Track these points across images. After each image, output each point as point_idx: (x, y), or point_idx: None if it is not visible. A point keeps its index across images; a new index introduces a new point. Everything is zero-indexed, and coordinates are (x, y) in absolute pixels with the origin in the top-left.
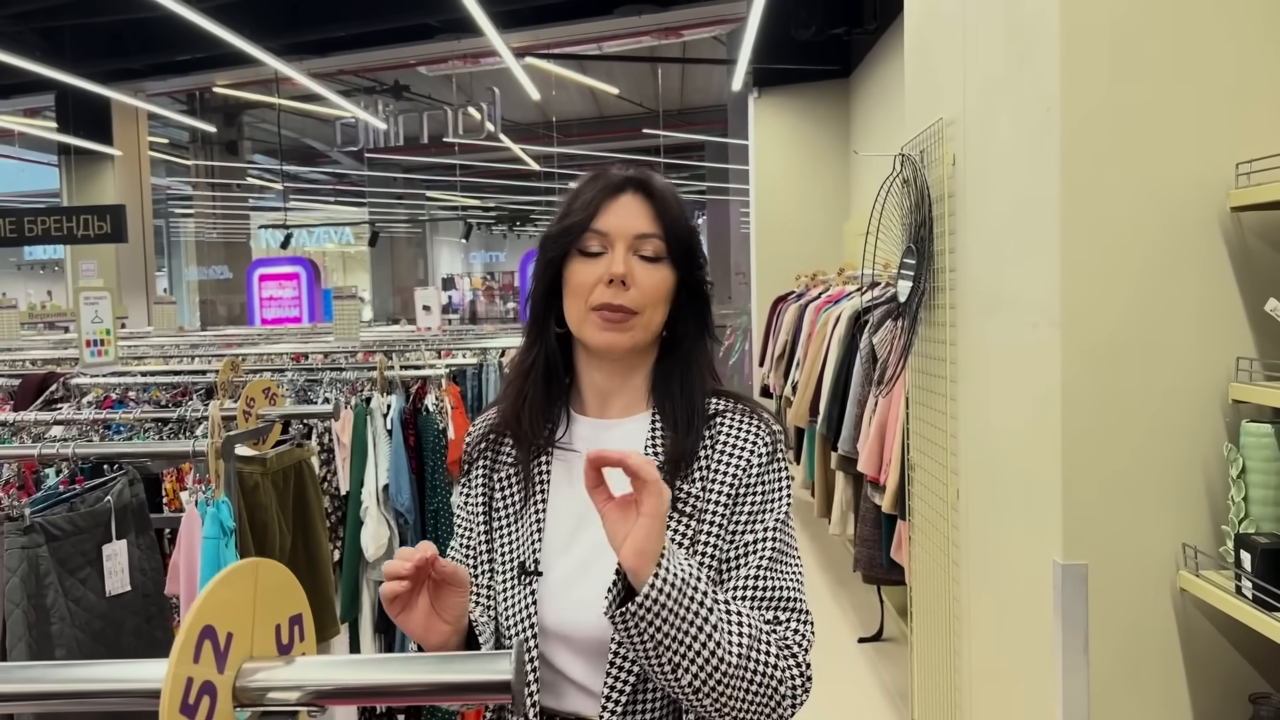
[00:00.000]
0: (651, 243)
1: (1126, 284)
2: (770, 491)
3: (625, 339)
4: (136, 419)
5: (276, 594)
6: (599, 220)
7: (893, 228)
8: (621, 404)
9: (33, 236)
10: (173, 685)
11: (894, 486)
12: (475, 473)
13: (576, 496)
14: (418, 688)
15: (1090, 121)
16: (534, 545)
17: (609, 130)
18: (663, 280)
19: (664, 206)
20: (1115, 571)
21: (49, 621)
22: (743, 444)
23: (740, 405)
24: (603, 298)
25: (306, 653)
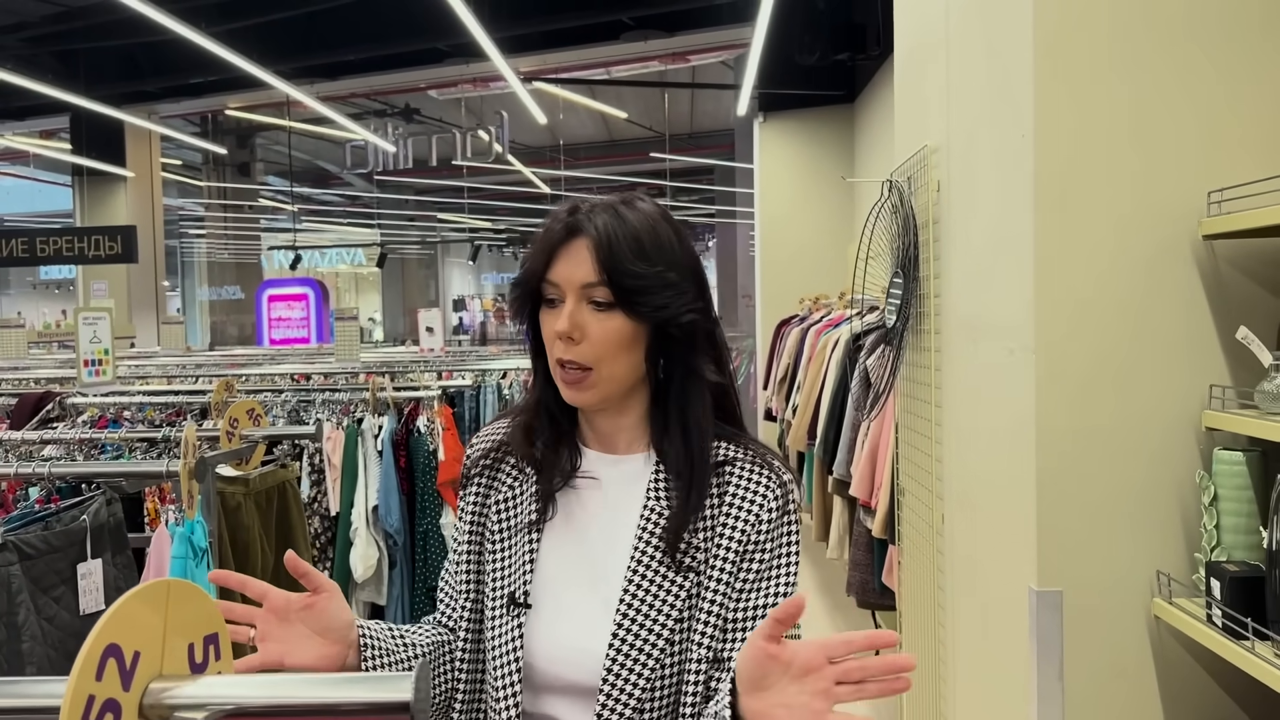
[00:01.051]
0: (599, 290)
1: (1100, 311)
2: (780, 549)
3: (588, 396)
4: (123, 438)
5: (190, 613)
6: (552, 270)
7: (886, 253)
8: (624, 441)
9: (45, 256)
10: (72, 703)
11: (884, 511)
12: (471, 489)
13: (575, 531)
14: (319, 706)
15: (1064, 149)
16: (525, 576)
17: (618, 154)
18: (616, 329)
19: (606, 250)
20: (1090, 598)
21: (20, 639)
22: (753, 496)
23: (751, 453)
24: (557, 353)
25: (223, 671)
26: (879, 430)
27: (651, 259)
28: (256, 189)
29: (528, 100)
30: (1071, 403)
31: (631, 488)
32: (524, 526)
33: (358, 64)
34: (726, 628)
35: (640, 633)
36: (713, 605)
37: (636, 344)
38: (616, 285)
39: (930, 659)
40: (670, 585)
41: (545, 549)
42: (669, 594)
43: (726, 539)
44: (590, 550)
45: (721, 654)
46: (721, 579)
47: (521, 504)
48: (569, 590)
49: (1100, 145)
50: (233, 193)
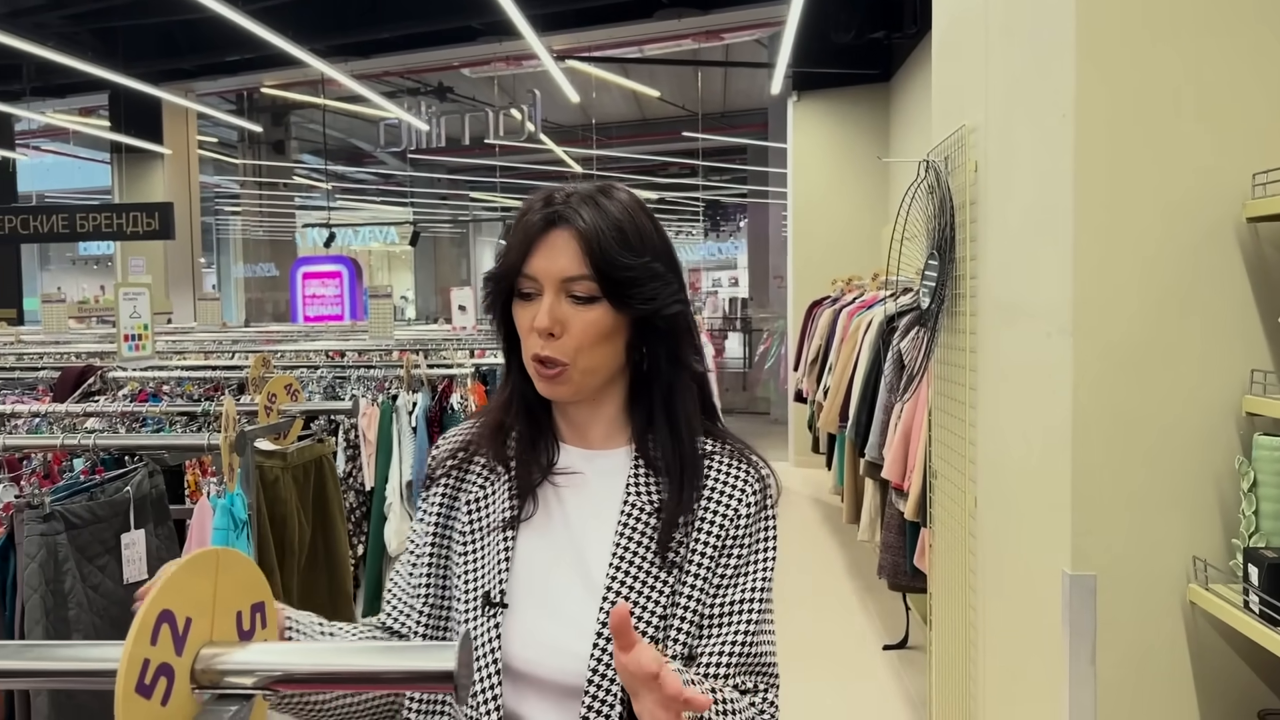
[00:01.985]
0: (581, 284)
1: (1140, 293)
2: (757, 544)
3: (563, 390)
4: (164, 412)
5: (238, 582)
6: (529, 263)
7: (921, 234)
8: (600, 434)
9: (84, 233)
10: (129, 665)
11: (916, 494)
12: (436, 490)
13: (553, 528)
14: (365, 674)
15: (1105, 129)
16: (500, 575)
17: (650, 133)
18: (596, 322)
19: (595, 241)
20: (1124, 583)
21: (66, 607)
22: (731, 490)
23: (729, 447)
24: (534, 348)
25: (268, 639)
26: (912, 413)
27: (637, 250)
28: (291, 166)
29: (560, 78)
30: (1109, 386)
31: (611, 482)
32: (498, 525)
33: (392, 42)
34: (702, 624)
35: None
36: (690, 601)
37: (616, 336)
38: (605, 278)
39: (960, 641)
40: (654, 581)
41: (522, 547)
42: (653, 590)
43: (705, 533)
44: (570, 547)
45: (696, 650)
46: (700, 574)
47: (494, 502)
48: (548, 588)
49: (1142, 126)
50: (268, 170)
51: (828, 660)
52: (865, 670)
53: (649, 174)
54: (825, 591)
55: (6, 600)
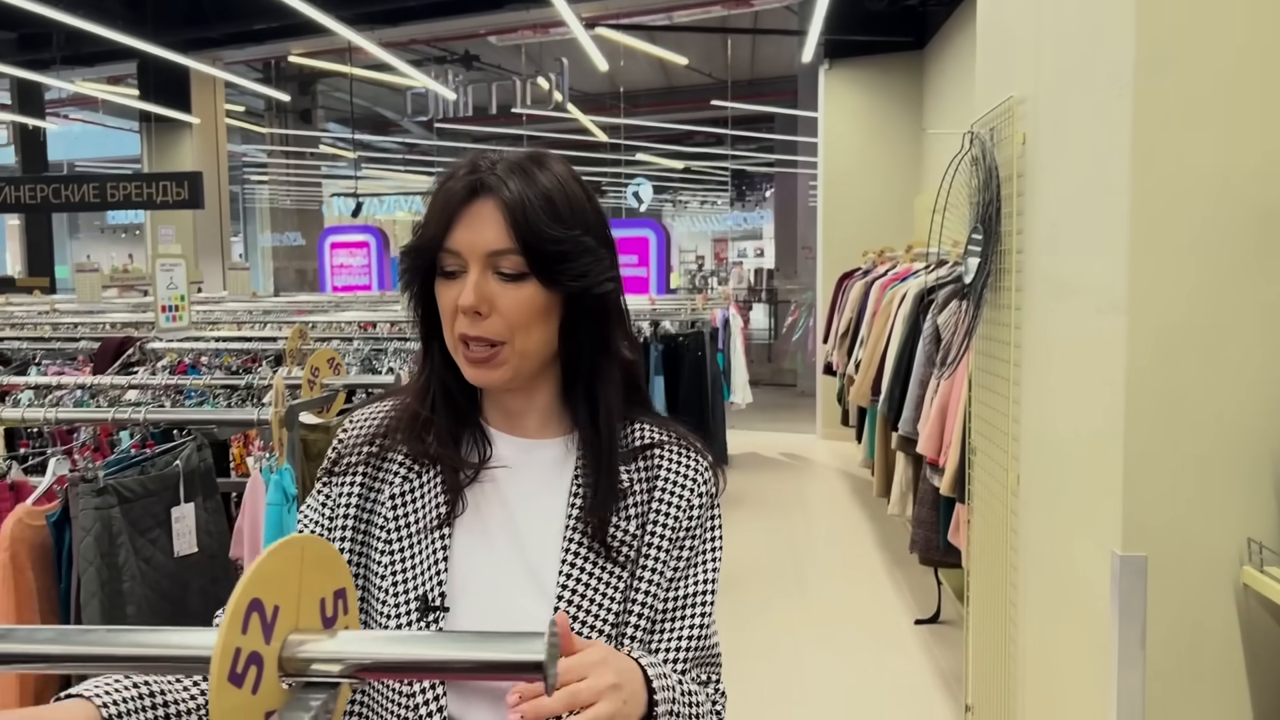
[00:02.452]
0: (508, 259)
1: (1195, 271)
2: (708, 535)
3: (497, 374)
4: (207, 385)
5: (321, 568)
6: (451, 237)
7: (961, 206)
8: (535, 423)
9: (115, 202)
10: (222, 654)
11: (953, 469)
12: (348, 481)
13: (490, 524)
14: (454, 664)
15: (1165, 104)
16: (438, 577)
17: (677, 101)
18: (528, 300)
19: (521, 213)
20: (1176, 565)
21: (121, 580)
22: (684, 481)
23: (675, 436)
24: (461, 328)
25: (349, 626)
26: (949, 388)
27: (567, 222)
28: (318, 136)
29: (589, 46)
30: (1163, 363)
31: (552, 474)
32: (430, 524)
33: (419, 9)
34: (656, 618)
35: (581, 630)
36: (646, 597)
37: (550, 316)
38: (533, 251)
39: (1000, 619)
40: (607, 577)
41: (459, 546)
42: (607, 586)
43: (661, 526)
44: (512, 545)
45: (650, 646)
46: (656, 568)
47: (422, 499)
48: (493, 590)
49: (1204, 102)
50: (294, 139)
51: (858, 633)
52: (896, 644)
53: (675, 142)
54: (855, 565)
55: (63, 572)
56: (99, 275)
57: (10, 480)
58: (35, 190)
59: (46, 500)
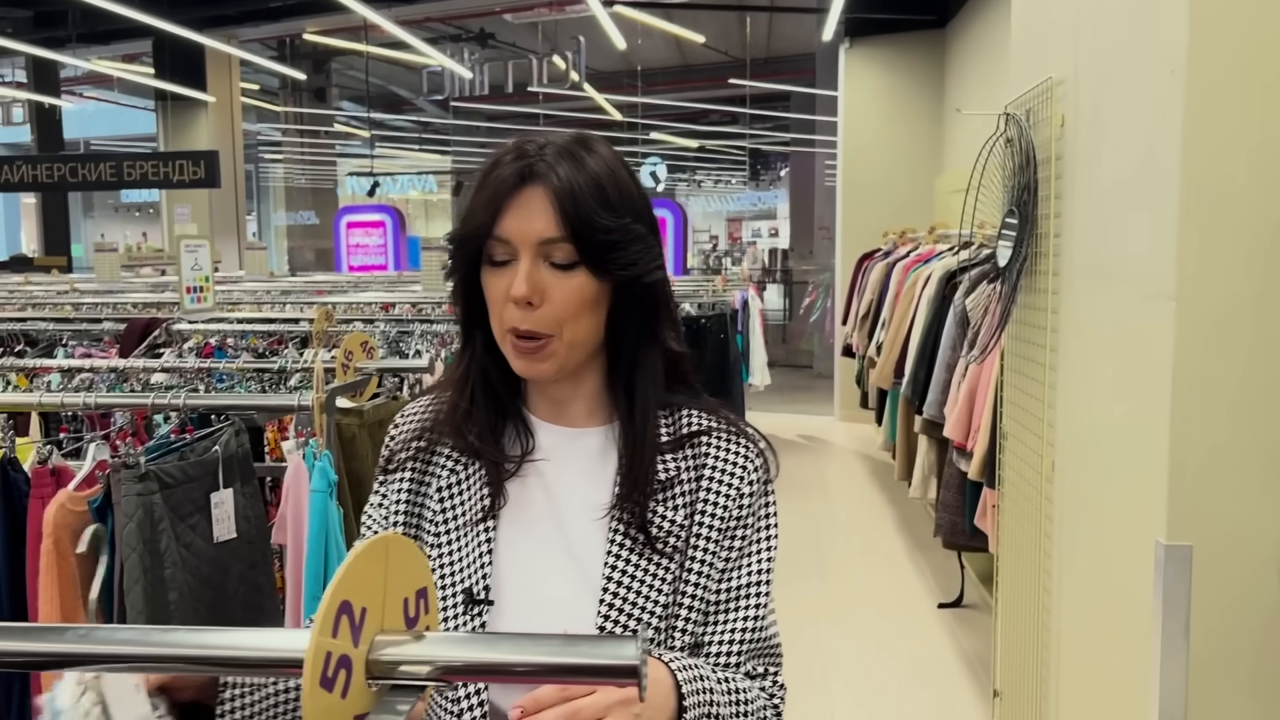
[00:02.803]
0: (560, 248)
1: (1247, 258)
2: (761, 524)
3: (546, 367)
4: (240, 368)
5: (405, 568)
6: (500, 224)
7: (993, 188)
8: (581, 411)
9: (131, 180)
10: (314, 658)
11: (982, 454)
12: (400, 477)
13: (534, 515)
14: (544, 668)
15: (1220, 86)
16: (483, 570)
17: (694, 79)
18: (579, 289)
19: (573, 199)
20: (1222, 554)
21: (163, 565)
22: (734, 469)
23: (725, 422)
24: (512, 320)
25: (430, 625)
26: (978, 372)
27: (617, 210)
28: (332, 114)
29: (607, 23)
30: (1211, 351)
31: (595, 464)
32: (475, 516)
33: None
34: (708, 610)
35: (629, 623)
36: (696, 589)
37: (599, 306)
38: (583, 241)
39: (1033, 606)
40: (655, 569)
41: (504, 539)
42: (654, 578)
43: (709, 516)
44: (558, 538)
45: (702, 639)
46: (705, 559)
47: (468, 492)
48: (538, 582)
49: (1261, 83)
50: (309, 118)
51: (880, 617)
52: (919, 628)
53: (690, 121)
54: (876, 548)
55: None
56: (118, 255)
57: (51, 465)
58: (52, 169)
59: (86, 485)
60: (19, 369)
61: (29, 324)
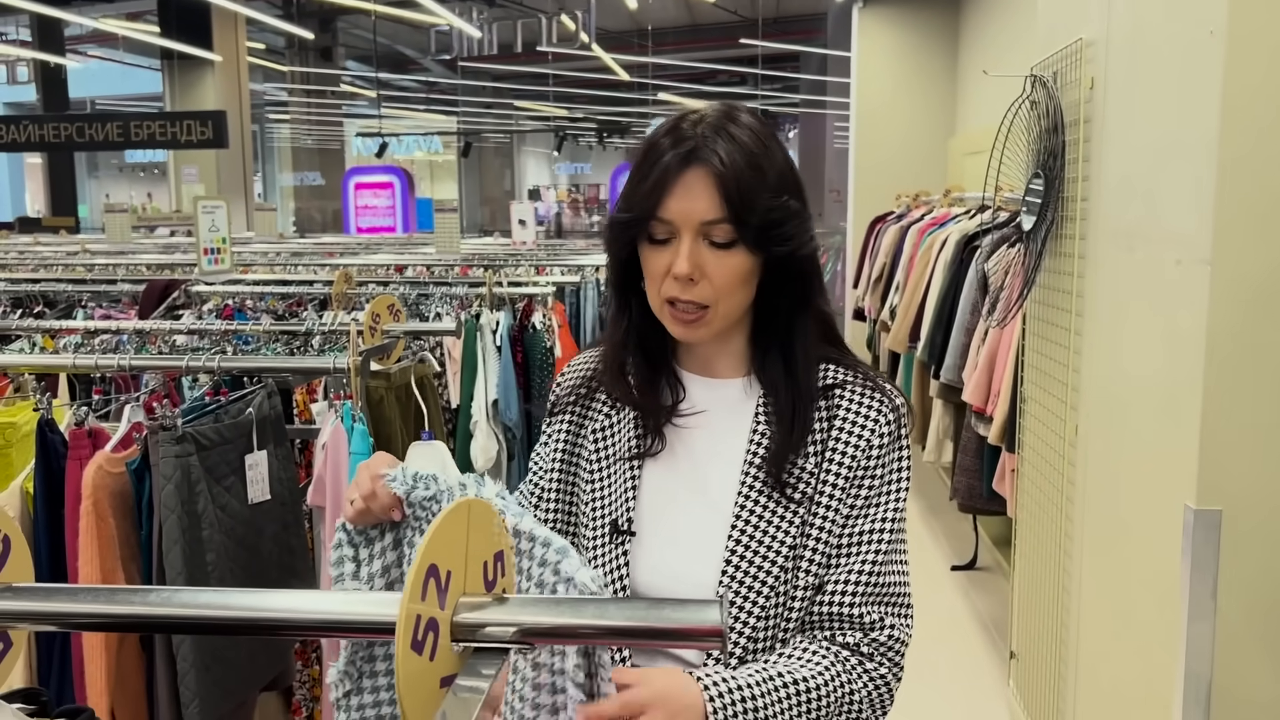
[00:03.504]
0: (720, 228)
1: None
2: (890, 475)
3: (702, 333)
4: (266, 330)
5: (484, 532)
6: (663, 207)
7: (1016, 151)
8: (726, 364)
9: (139, 141)
10: (406, 621)
11: (1002, 418)
12: (562, 419)
13: (678, 460)
14: (629, 630)
15: (1258, 47)
16: (628, 504)
17: (703, 39)
18: (736, 267)
19: (735, 182)
20: (1251, 519)
21: (200, 527)
22: (865, 420)
23: (861, 376)
24: (671, 291)
25: (507, 588)
26: (999, 336)
27: (775, 189)
28: (338, 74)
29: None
30: (1245, 316)
31: (735, 413)
32: (624, 455)
33: None
34: (831, 553)
35: (754, 559)
36: (820, 533)
37: (753, 278)
38: (744, 223)
39: (1053, 568)
40: (782, 513)
41: (648, 477)
42: (781, 521)
43: (837, 464)
44: (696, 478)
45: (825, 581)
46: (831, 504)
47: (619, 434)
48: (675, 518)
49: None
50: (315, 78)
51: None
52: (933, 590)
53: (699, 82)
54: None
55: (143, 520)
56: (129, 215)
57: (88, 427)
58: (59, 129)
59: (121, 447)
60: (44, 330)
61: (44, 285)
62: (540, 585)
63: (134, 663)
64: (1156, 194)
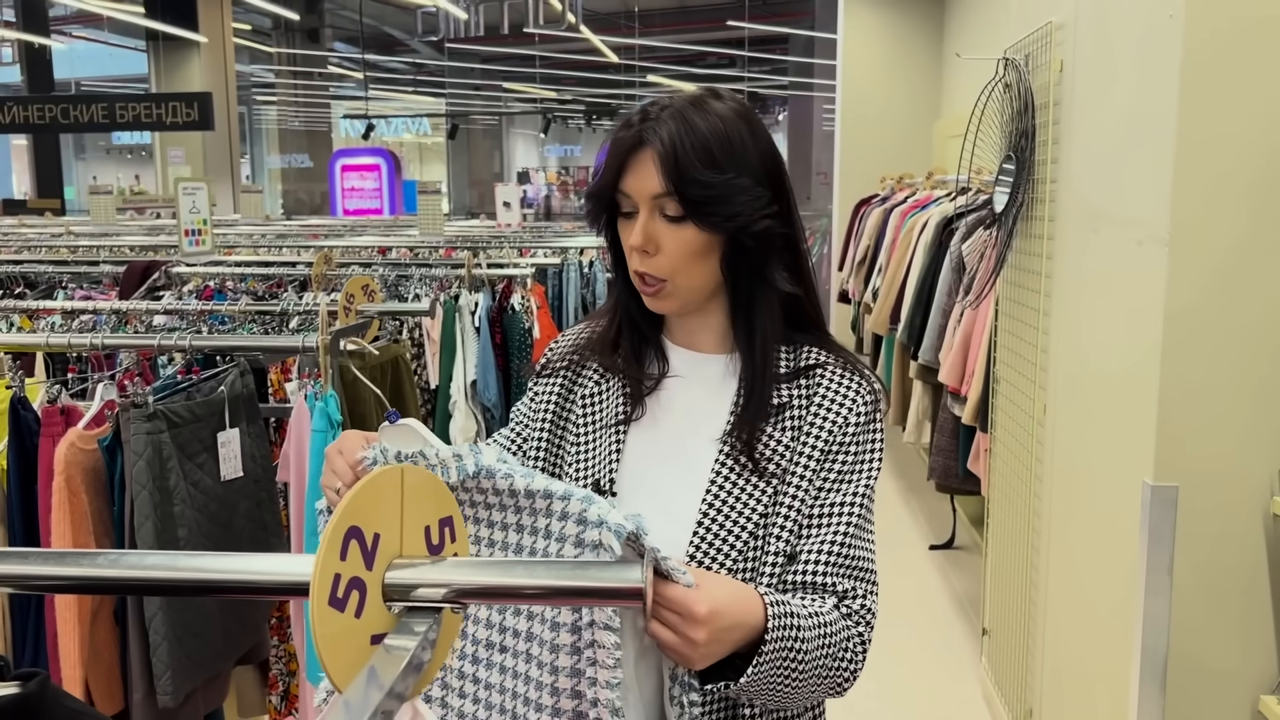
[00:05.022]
0: (668, 202)
1: (1240, 205)
2: (864, 452)
3: (667, 304)
4: (242, 310)
5: (425, 497)
6: (623, 180)
7: (991, 133)
8: (709, 340)
9: (124, 122)
10: (320, 579)
11: (976, 398)
12: (553, 381)
13: (660, 425)
14: (554, 589)
15: (1215, 32)
16: (610, 467)
17: (691, 21)
18: (688, 241)
19: (673, 161)
20: (1207, 495)
21: (171, 503)
22: (842, 399)
23: (842, 359)
24: (634, 264)
25: (459, 553)
26: (973, 317)
27: (722, 165)
28: (325, 55)
29: None
30: (1202, 296)
31: (716, 387)
32: (610, 421)
33: None
34: (803, 523)
35: (725, 524)
36: (794, 501)
37: (711, 253)
38: (684, 197)
39: (1022, 546)
40: (756, 482)
41: (631, 443)
42: (755, 490)
43: (813, 439)
44: (676, 446)
45: (797, 550)
46: (804, 475)
47: (607, 401)
48: (654, 483)
49: (1254, 31)
50: (302, 59)
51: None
52: (911, 569)
53: (687, 64)
54: None
55: (115, 495)
56: (113, 198)
57: (61, 405)
58: (43, 110)
59: (95, 425)
60: (22, 310)
61: (26, 266)
62: (561, 540)
63: (108, 636)
64: (1119, 175)
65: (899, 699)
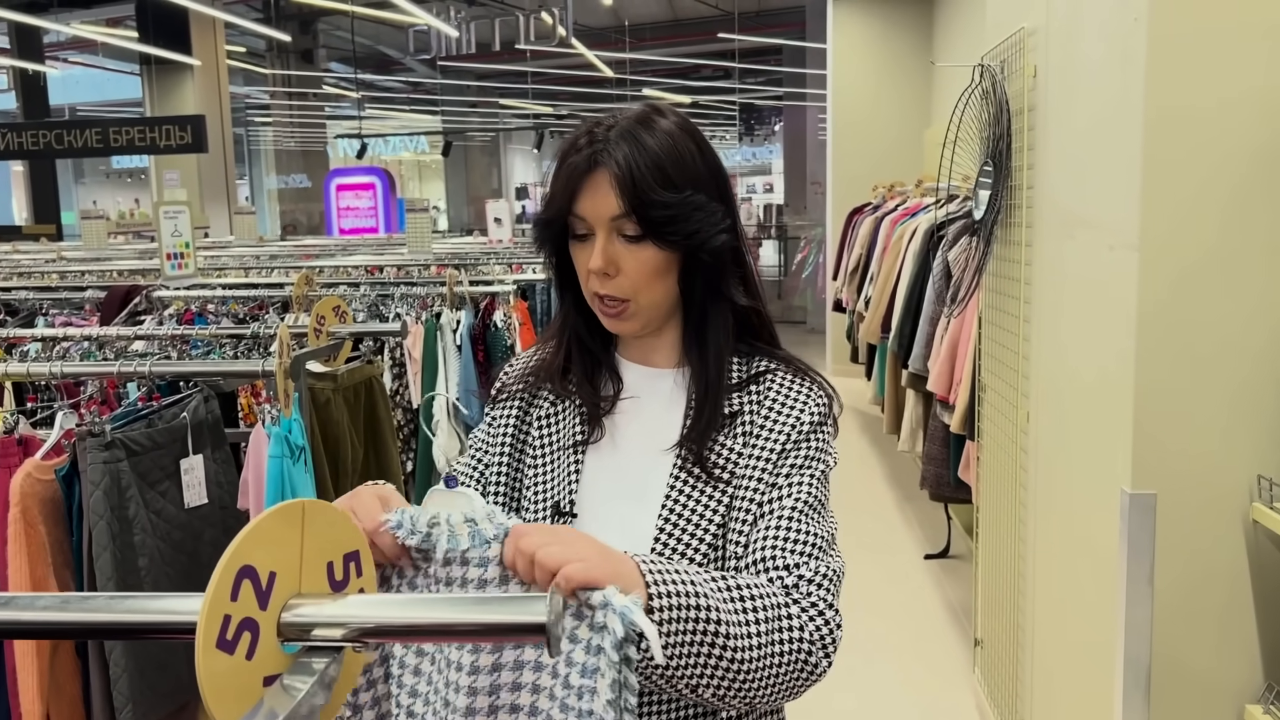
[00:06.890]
0: (626, 223)
1: (1208, 208)
2: (815, 452)
3: (630, 325)
4: (213, 334)
5: (328, 532)
6: (577, 204)
7: (972, 140)
8: (663, 355)
9: (118, 146)
10: (207, 621)
11: (963, 407)
12: (510, 405)
13: (617, 447)
14: (457, 627)
15: (1180, 36)
16: (570, 487)
17: (683, 34)
18: (648, 260)
19: (630, 183)
20: (1185, 501)
21: (131, 532)
22: (793, 402)
23: (793, 367)
24: (594, 287)
25: (365, 589)
26: (960, 325)
27: (677, 184)
28: (320, 75)
29: None
30: (1174, 301)
31: (670, 401)
32: (568, 444)
33: None
34: (751, 520)
35: (683, 537)
36: (748, 505)
37: (670, 270)
38: (643, 218)
39: (1009, 556)
40: (710, 492)
41: (590, 463)
42: (710, 500)
43: (765, 441)
44: (632, 463)
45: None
46: (758, 478)
47: (564, 422)
48: (612, 502)
49: (1218, 35)
50: (297, 80)
51: (870, 568)
52: (906, 578)
53: (681, 76)
54: (865, 500)
55: (74, 526)
56: (105, 222)
57: (19, 435)
58: (38, 136)
59: (55, 454)
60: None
61: (11, 293)
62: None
63: (70, 669)
64: (1091, 180)
65: (891, 709)
